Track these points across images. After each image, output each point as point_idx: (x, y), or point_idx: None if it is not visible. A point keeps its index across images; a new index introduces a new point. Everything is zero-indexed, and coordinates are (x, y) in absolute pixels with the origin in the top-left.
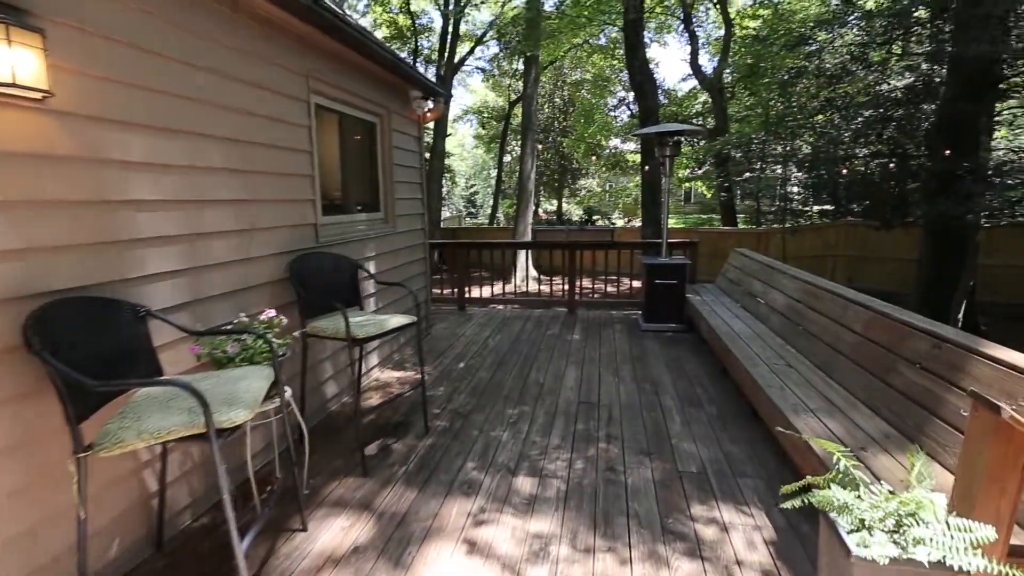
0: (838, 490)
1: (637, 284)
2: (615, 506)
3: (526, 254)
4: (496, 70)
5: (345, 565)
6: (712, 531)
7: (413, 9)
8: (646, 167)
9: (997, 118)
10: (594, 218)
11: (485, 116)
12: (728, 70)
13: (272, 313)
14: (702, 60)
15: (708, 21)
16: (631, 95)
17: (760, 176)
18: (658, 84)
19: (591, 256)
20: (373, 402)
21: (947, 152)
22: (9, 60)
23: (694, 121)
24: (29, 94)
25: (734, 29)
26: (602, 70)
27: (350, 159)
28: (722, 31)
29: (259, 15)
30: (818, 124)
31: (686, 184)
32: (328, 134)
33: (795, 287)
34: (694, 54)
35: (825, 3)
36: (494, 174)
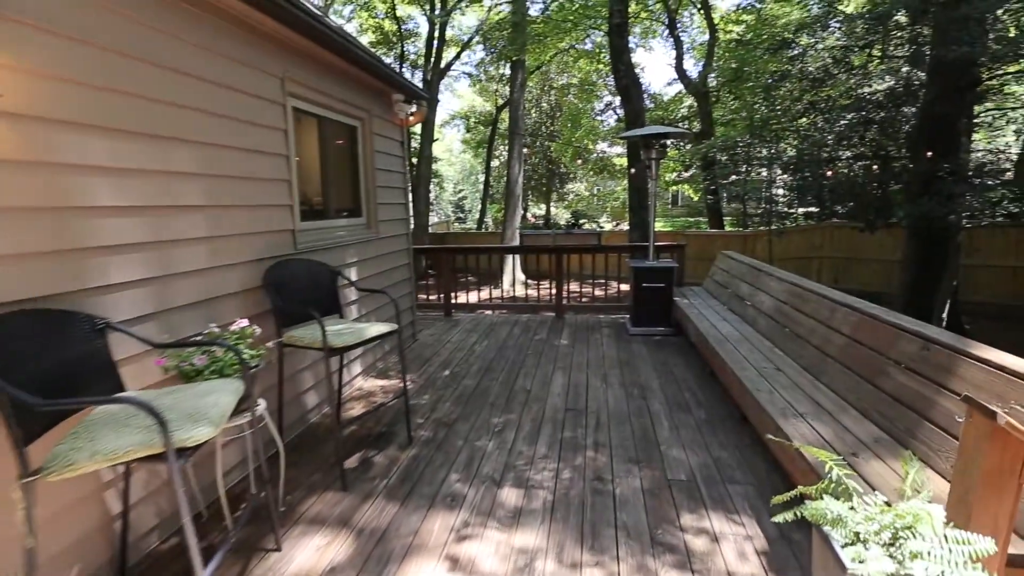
0: (831, 501)
1: (625, 287)
2: (603, 517)
3: (514, 259)
4: (483, 75)
5: None
6: (702, 542)
7: (399, 14)
8: (633, 170)
9: (976, 120)
10: (581, 221)
11: (472, 121)
12: (713, 74)
13: (245, 323)
14: (687, 64)
15: (692, 26)
16: (617, 99)
17: (746, 179)
18: (644, 88)
19: (579, 260)
20: (355, 412)
21: (928, 154)
22: None
23: (680, 125)
24: None
25: (718, 34)
26: (588, 75)
27: (330, 163)
28: (706, 36)
29: (225, 12)
30: (802, 127)
31: (673, 187)
32: (307, 138)
33: (782, 289)
34: (679, 58)
35: (806, 8)
36: (482, 179)
